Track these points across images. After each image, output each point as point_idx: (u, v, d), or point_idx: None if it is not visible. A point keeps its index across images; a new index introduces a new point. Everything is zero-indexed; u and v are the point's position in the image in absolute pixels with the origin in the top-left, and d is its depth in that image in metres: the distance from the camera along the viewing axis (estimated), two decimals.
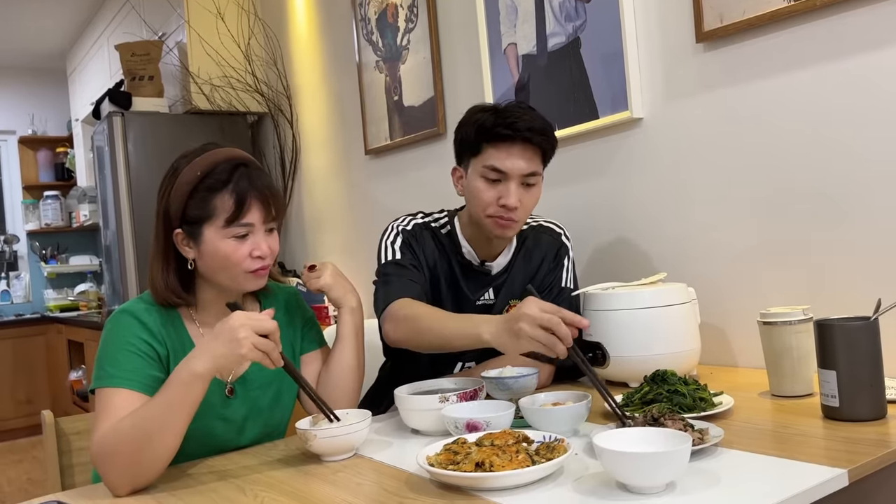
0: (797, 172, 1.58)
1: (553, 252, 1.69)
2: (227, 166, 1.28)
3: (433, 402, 1.28)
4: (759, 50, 1.63)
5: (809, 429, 1.15)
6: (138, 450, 1.11)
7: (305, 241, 3.61)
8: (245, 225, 1.28)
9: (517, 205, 1.52)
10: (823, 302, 1.51)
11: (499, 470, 0.97)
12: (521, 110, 1.54)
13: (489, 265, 1.66)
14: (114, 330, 1.28)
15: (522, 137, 1.51)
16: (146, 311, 1.31)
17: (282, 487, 1.09)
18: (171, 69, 3.81)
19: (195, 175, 1.27)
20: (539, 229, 1.72)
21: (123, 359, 1.24)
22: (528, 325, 1.18)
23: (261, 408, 1.38)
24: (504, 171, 1.52)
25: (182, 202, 1.28)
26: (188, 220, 1.28)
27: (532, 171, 1.53)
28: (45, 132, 6.39)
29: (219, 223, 1.27)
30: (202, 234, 1.28)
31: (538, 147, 1.53)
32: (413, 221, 1.68)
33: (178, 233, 1.30)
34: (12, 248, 6.26)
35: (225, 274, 1.31)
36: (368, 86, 2.97)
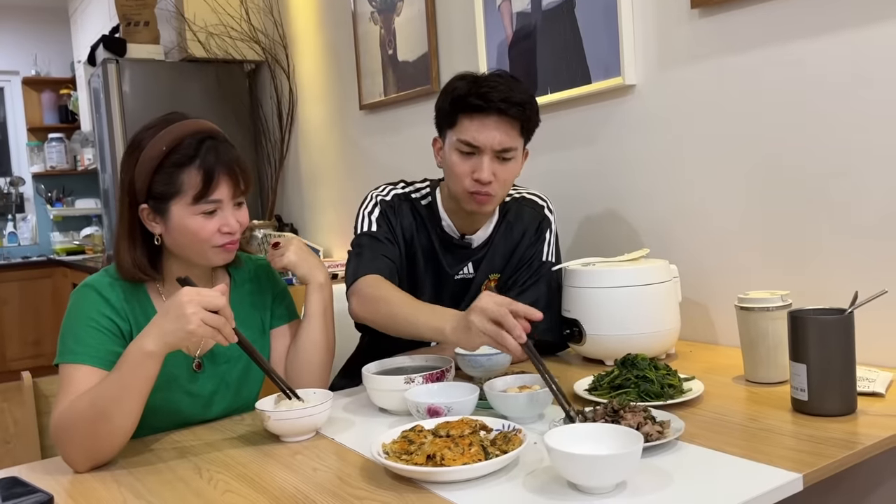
0: (791, 149, 1.53)
1: (535, 225, 1.65)
2: (194, 140, 1.25)
3: (398, 382, 1.27)
4: (757, 18, 1.56)
5: (776, 423, 1.12)
6: (94, 427, 1.11)
7: (302, 195, 3.58)
8: (213, 202, 1.25)
9: (490, 179, 1.47)
10: (805, 287, 1.48)
11: (450, 464, 0.96)
12: (499, 80, 1.47)
13: (469, 238, 1.62)
14: (77, 305, 1.26)
15: (497, 109, 1.45)
16: (110, 285, 1.29)
17: (238, 469, 1.09)
18: (167, 15, 3.72)
19: (160, 150, 1.24)
20: (522, 201, 1.68)
21: (85, 335, 1.22)
22: (479, 318, 1.16)
23: (228, 383, 1.37)
24: (477, 144, 1.47)
25: (147, 178, 1.25)
26: (154, 195, 1.25)
27: (507, 145, 1.48)
28: (49, 73, 6.33)
29: (186, 200, 1.24)
30: (169, 210, 1.25)
31: (515, 119, 1.47)
32: (393, 192, 1.64)
33: (144, 208, 1.27)
34: (18, 191, 6.27)
35: (193, 250, 1.29)
36: (363, 37, 2.90)
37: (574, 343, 1.56)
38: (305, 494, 0.98)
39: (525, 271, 1.64)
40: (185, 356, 1.32)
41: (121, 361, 1.13)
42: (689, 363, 1.51)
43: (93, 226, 6.16)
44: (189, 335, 1.10)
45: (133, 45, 3.57)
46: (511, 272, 1.65)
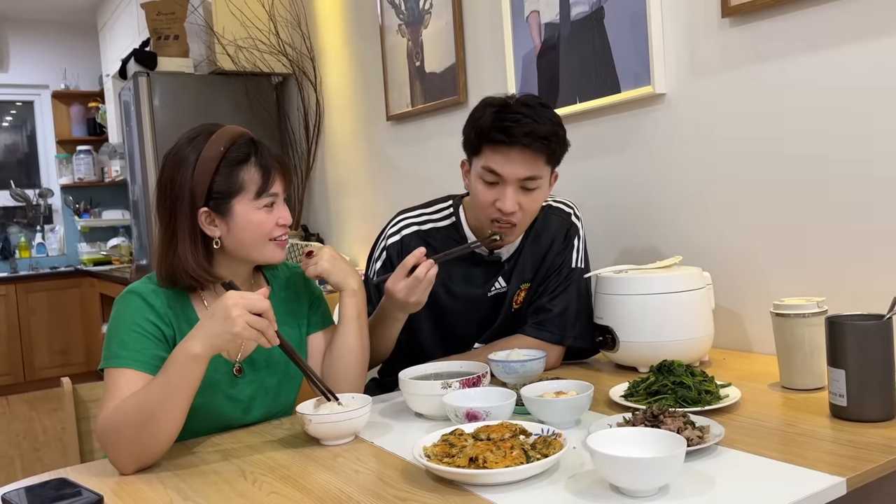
0: (824, 159, 1.53)
1: (563, 233, 1.65)
2: (245, 140, 1.32)
3: (436, 387, 1.28)
4: (788, 27, 1.56)
5: (815, 428, 1.13)
6: (141, 429, 1.13)
7: (328, 205, 3.62)
8: (272, 195, 1.32)
9: (514, 209, 1.48)
10: (840, 294, 1.48)
11: (492, 466, 0.97)
12: (524, 110, 1.46)
13: (498, 253, 1.62)
14: (121, 310, 1.29)
15: (520, 144, 1.45)
16: (153, 292, 1.31)
17: (281, 471, 1.11)
18: (196, 29, 3.79)
19: (218, 151, 1.29)
20: (549, 210, 1.67)
21: (129, 339, 1.25)
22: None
23: (268, 388, 1.39)
24: (501, 174, 1.47)
25: (208, 179, 1.28)
26: (214, 195, 1.29)
27: (531, 175, 1.47)
28: (78, 87, 6.44)
29: (249, 195, 1.30)
30: (232, 208, 1.29)
31: (539, 152, 1.46)
32: (405, 230, 1.64)
33: (204, 211, 1.30)
34: (47, 202, 6.38)
35: (254, 245, 1.32)
36: (391, 50, 2.93)
37: (607, 350, 1.57)
38: (349, 496, 0.99)
39: (554, 279, 1.64)
40: (225, 361, 1.35)
41: (167, 365, 1.16)
42: (724, 370, 1.51)
43: (119, 236, 6.24)
44: (235, 337, 1.13)
45: (163, 59, 3.64)
46: (541, 280, 1.65)
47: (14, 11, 6.00)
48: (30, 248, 6.27)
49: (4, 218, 6.27)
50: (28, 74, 6.30)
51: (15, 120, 6.44)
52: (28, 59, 6.28)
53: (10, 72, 6.24)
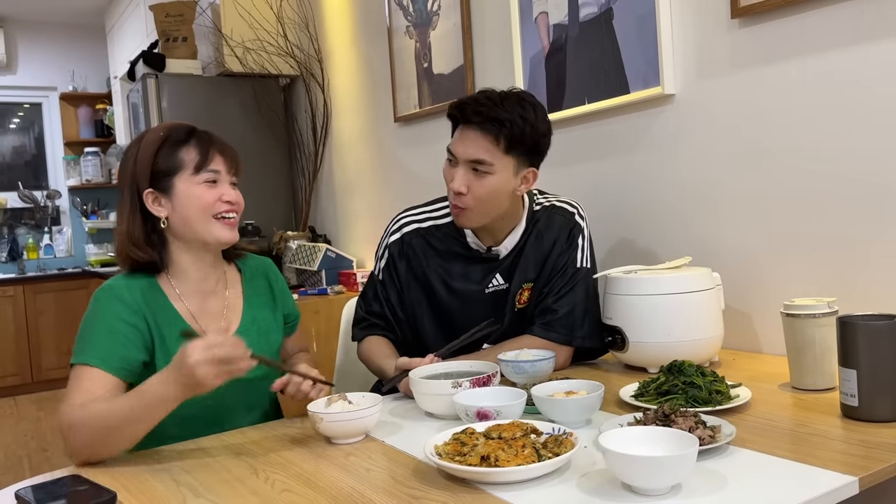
0: (834, 159, 1.53)
1: (566, 232, 1.64)
2: (185, 128, 1.41)
3: (446, 386, 1.29)
4: (797, 27, 1.56)
5: (826, 428, 1.13)
6: (101, 437, 1.19)
7: (335, 206, 3.63)
8: (212, 171, 1.38)
9: (461, 189, 1.50)
10: (850, 295, 1.47)
11: (504, 465, 0.97)
12: (495, 95, 1.50)
13: (496, 250, 1.62)
14: (94, 309, 1.34)
15: (467, 121, 1.50)
16: (126, 286, 1.36)
17: (293, 469, 1.11)
18: (204, 31, 3.81)
19: (158, 135, 1.39)
20: (552, 210, 1.67)
21: (99, 339, 1.30)
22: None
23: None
24: (454, 153, 1.53)
25: (150, 161, 1.37)
26: (157, 175, 1.37)
27: (478, 157, 1.48)
28: (86, 89, 6.47)
29: (188, 171, 1.37)
30: (173, 186, 1.37)
31: (491, 134, 1.48)
32: (406, 228, 1.67)
33: (149, 192, 1.37)
34: (55, 204, 6.40)
35: (198, 222, 1.37)
36: (398, 51, 2.94)
37: (616, 350, 1.57)
38: (362, 493, 1.00)
39: (559, 279, 1.62)
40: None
41: (140, 393, 1.20)
42: (733, 371, 1.51)
43: None
44: (211, 387, 1.17)
45: (172, 61, 3.65)
46: (545, 280, 1.64)
47: (23, 14, 6.04)
48: (37, 250, 6.30)
49: (12, 219, 6.30)
50: (36, 76, 6.33)
51: (23, 122, 6.47)
52: (36, 61, 6.31)
53: (18, 74, 6.27)
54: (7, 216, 6.28)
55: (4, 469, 3.80)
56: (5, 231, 6.26)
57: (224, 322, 1.43)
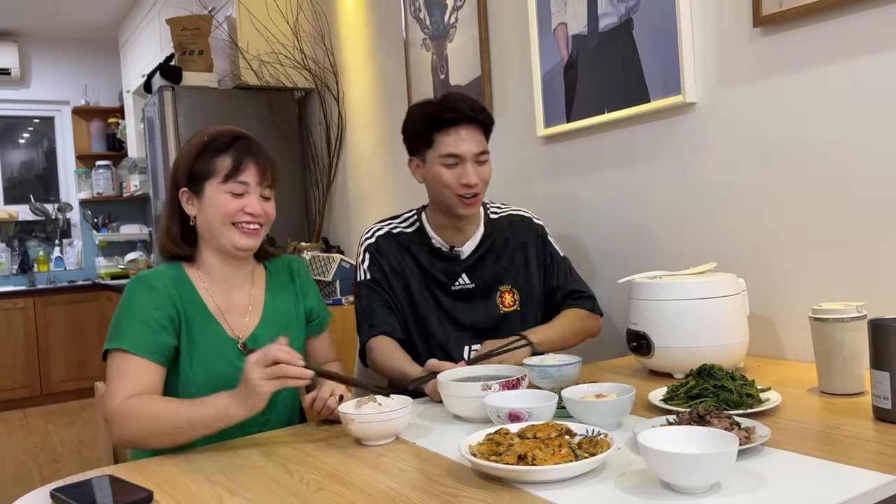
0: (856, 166, 1.54)
1: (533, 234, 1.83)
2: (229, 135, 1.46)
3: (476, 389, 1.29)
4: (820, 35, 1.58)
5: (859, 430, 1.12)
6: (150, 433, 1.27)
7: (349, 218, 3.64)
8: (241, 182, 1.42)
9: (476, 181, 1.66)
10: (878, 299, 1.47)
11: (542, 463, 0.97)
12: (456, 96, 1.69)
13: (458, 250, 1.76)
14: (127, 298, 1.41)
15: (467, 118, 1.65)
16: (157, 275, 1.44)
17: (326, 469, 1.12)
18: (221, 44, 3.84)
19: (202, 140, 1.45)
20: (509, 218, 1.84)
21: (132, 327, 1.36)
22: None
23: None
24: (459, 154, 1.65)
25: (189, 163, 1.44)
26: (193, 177, 1.44)
27: (482, 149, 1.68)
28: (98, 103, 6.52)
29: (218, 179, 1.42)
30: (204, 190, 1.43)
31: (480, 125, 1.68)
32: (378, 233, 1.80)
33: (184, 191, 1.45)
34: (65, 216, 6.43)
35: (218, 228, 1.43)
36: (415, 64, 2.96)
37: (642, 356, 1.57)
38: (399, 492, 1.00)
39: (557, 270, 1.82)
40: (230, 339, 1.45)
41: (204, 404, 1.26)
42: (760, 377, 1.50)
43: (137, 250, 6.28)
44: (266, 395, 1.23)
45: (188, 73, 3.68)
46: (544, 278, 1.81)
47: (37, 29, 6.10)
48: (48, 262, 6.33)
49: (23, 232, 6.33)
50: (50, 90, 6.39)
51: (35, 135, 6.52)
52: (50, 75, 6.37)
53: (32, 88, 6.33)
54: (18, 229, 6.31)
55: (15, 481, 3.80)
56: (16, 243, 6.28)
57: (248, 317, 1.49)
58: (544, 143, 2.34)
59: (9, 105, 6.26)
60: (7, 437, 4.79)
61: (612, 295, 2.06)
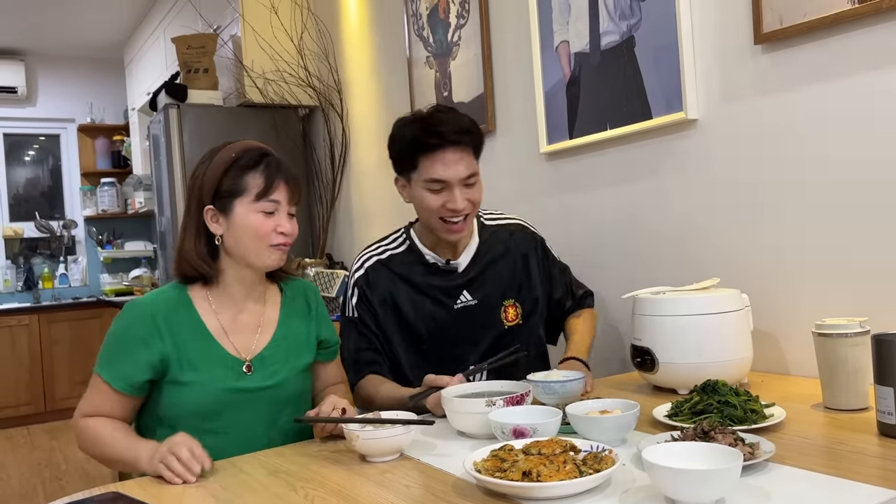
0: (858, 182, 1.54)
1: (533, 244, 1.80)
2: (257, 152, 1.44)
3: (479, 405, 1.29)
4: (821, 54, 1.59)
5: (864, 446, 1.12)
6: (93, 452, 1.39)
7: (353, 234, 3.65)
8: (273, 201, 1.41)
9: (464, 207, 1.59)
10: (882, 314, 1.47)
11: (546, 480, 0.97)
12: (443, 114, 1.59)
13: (454, 263, 1.71)
14: (114, 325, 1.43)
15: (450, 141, 1.56)
16: (150, 302, 1.43)
17: (331, 486, 1.12)
18: (226, 62, 3.87)
19: (230, 156, 1.42)
20: (506, 227, 1.80)
21: (113, 355, 1.40)
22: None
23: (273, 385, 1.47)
24: (445, 179, 1.57)
25: (216, 179, 1.41)
26: (220, 195, 1.41)
27: (470, 172, 1.59)
28: (103, 120, 6.57)
29: (249, 198, 1.40)
30: (233, 208, 1.41)
31: (468, 146, 1.59)
32: (366, 264, 1.73)
33: (210, 209, 1.42)
34: (70, 233, 6.46)
35: (250, 247, 1.42)
36: (418, 81, 2.98)
37: (646, 371, 1.57)
38: None
39: (559, 286, 1.83)
40: (233, 359, 1.44)
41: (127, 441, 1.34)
42: (763, 392, 1.50)
43: (141, 267, 6.30)
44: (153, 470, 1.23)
45: (193, 91, 3.71)
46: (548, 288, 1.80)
47: (43, 48, 6.16)
48: (53, 279, 6.34)
49: (28, 249, 6.36)
50: (56, 108, 6.44)
51: (41, 153, 6.56)
52: (56, 93, 6.42)
53: (38, 106, 6.38)
54: (23, 246, 6.34)
55: (20, 497, 3.79)
56: (21, 260, 6.31)
57: (257, 335, 1.48)
58: (547, 159, 2.35)
59: (15, 123, 6.31)
60: (11, 454, 4.78)
61: (615, 310, 2.06)
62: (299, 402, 1.51)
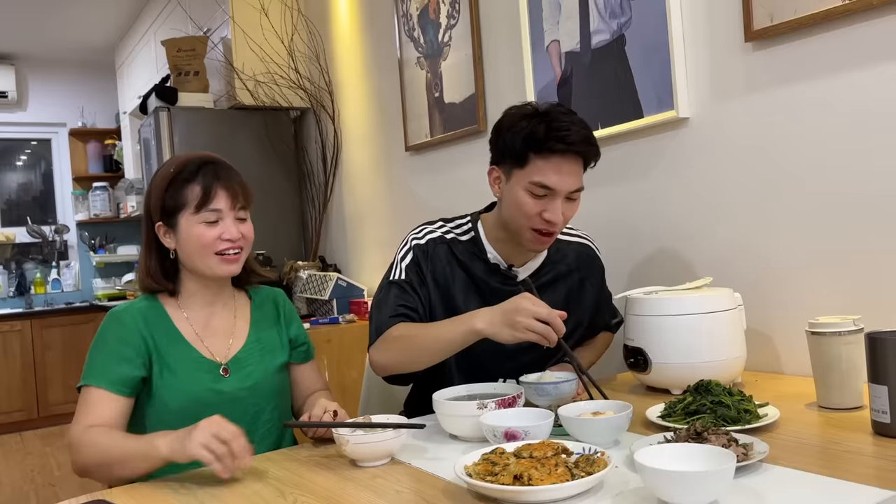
0: (850, 178, 1.54)
1: (597, 271, 1.74)
2: (196, 163, 1.44)
3: (471, 408, 1.28)
4: (812, 51, 1.58)
5: (859, 445, 1.11)
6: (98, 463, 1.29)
7: (346, 236, 3.64)
8: (213, 210, 1.41)
9: (561, 219, 1.48)
10: (875, 312, 1.47)
11: (538, 483, 0.96)
12: (568, 118, 1.46)
13: (516, 270, 1.61)
14: (100, 334, 1.42)
15: (575, 151, 1.45)
16: (127, 310, 1.44)
17: (321, 492, 1.10)
18: (216, 65, 3.86)
19: (169, 171, 1.44)
20: (578, 246, 1.71)
21: (100, 361, 1.38)
22: (526, 317, 1.29)
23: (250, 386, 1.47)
24: (553, 187, 1.45)
25: (160, 196, 1.43)
26: (166, 211, 1.43)
27: (578, 186, 1.49)
28: (94, 125, 6.54)
29: (190, 210, 1.41)
30: (178, 222, 1.42)
31: (582, 159, 1.48)
32: (429, 235, 1.63)
33: (160, 226, 1.44)
34: (63, 238, 6.43)
35: (199, 258, 1.43)
36: (409, 82, 2.97)
37: (639, 372, 1.56)
38: None
39: (602, 315, 1.77)
40: (210, 362, 1.45)
41: (137, 444, 1.25)
42: (757, 392, 1.49)
43: (134, 271, 6.26)
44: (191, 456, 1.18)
45: (184, 94, 3.69)
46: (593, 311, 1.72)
47: (33, 52, 6.12)
48: (45, 284, 6.31)
49: (20, 254, 6.32)
50: (46, 113, 6.40)
51: (32, 157, 6.53)
52: (46, 97, 6.39)
53: (28, 110, 6.34)
54: (15, 251, 6.30)
55: None
56: (13, 266, 6.27)
57: (230, 340, 1.49)
58: None
59: (6, 128, 6.27)
60: (4, 460, 4.75)
61: None
62: (278, 401, 1.51)
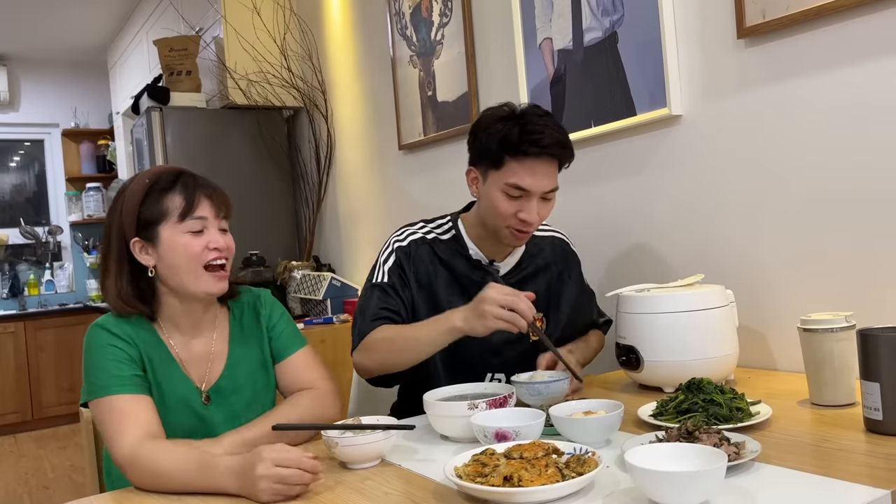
0: (842, 174, 1.53)
1: (574, 265, 1.76)
2: (172, 173, 1.37)
3: (462, 408, 1.27)
4: (804, 47, 1.58)
5: (851, 443, 1.11)
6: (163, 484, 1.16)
7: (340, 235, 3.62)
8: (199, 218, 1.34)
9: (536, 219, 1.52)
10: (867, 309, 1.46)
11: (528, 485, 0.95)
12: (542, 121, 1.49)
13: (497, 265, 1.64)
14: (89, 346, 1.32)
15: (549, 154, 1.48)
16: (114, 323, 1.34)
17: (310, 496, 1.09)
18: (209, 64, 3.84)
19: (144, 182, 1.35)
20: (553, 240, 1.75)
21: (108, 370, 1.29)
22: (491, 305, 1.31)
23: (237, 412, 1.40)
24: (527, 189, 1.49)
25: (135, 210, 1.33)
26: (143, 224, 1.33)
27: (553, 186, 1.52)
28: (87, 125, 6.52)
29: (173, 219, 1.33)
30: (159, 234, 1.33)
31: (556, 160, 1.52)
32: (410, 237, 1.66)
33: (136, 241, 1.33)
34: (56, 239, 6.40)
35: (185, 272, 1.33)
36: (402, 81, 2.96)
37: (631, 370, 1.55)
38: None
39: (582, 312, 1.76)
40: (195, 388, 1.38)
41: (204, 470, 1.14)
42: (750, 389, 1.49)
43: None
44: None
45: (176, 94, 3.68)
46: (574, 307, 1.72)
47: (26, 52, 6.09)
48: (38, 286, 6.28)
49: (13, 256, 6.29)
50: (39, 113, 6.38)
51: (25, 158, 6.50)
52: (39, 98, 6.36)
53: (21, 111, 6.32)
54: (8, 252, 6.28)
55: None
56: (7, 267, 6.25)
57: (210, 365, 1.41)
58: None
59: None
60: None
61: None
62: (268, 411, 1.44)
